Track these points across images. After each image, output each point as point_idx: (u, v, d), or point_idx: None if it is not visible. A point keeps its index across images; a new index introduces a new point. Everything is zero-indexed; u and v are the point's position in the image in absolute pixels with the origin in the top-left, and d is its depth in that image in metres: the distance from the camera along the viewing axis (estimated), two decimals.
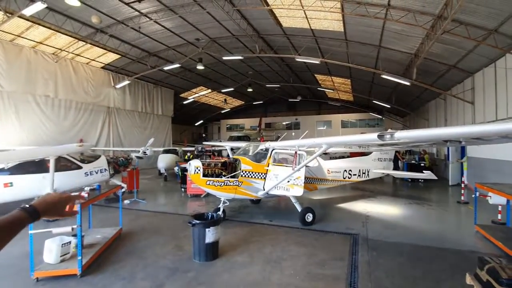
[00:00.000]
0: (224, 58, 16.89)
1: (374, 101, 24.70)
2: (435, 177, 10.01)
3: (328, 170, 9.46)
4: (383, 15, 10.47)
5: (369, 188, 13.46)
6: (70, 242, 4.94)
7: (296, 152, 7.13)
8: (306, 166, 7.98)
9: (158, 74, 21.17)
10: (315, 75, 23.44)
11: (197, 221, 5.30)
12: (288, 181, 7.47)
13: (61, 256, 4.76)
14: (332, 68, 19.78)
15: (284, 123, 37.38)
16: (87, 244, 5.49)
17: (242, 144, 10.50)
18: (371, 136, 4.44)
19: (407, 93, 19.40)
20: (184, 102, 28.95)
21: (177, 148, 19.12)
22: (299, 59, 15.65)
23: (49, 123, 15.64)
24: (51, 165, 7.35)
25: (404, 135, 4.09)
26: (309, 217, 7.59)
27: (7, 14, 11.20)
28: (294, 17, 13.15)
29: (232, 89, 26.56)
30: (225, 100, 33.20)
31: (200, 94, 28.93)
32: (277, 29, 14.74)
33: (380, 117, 32.18)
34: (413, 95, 20.19)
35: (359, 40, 13.82)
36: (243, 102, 36.29)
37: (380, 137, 4.28)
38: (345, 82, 23.79)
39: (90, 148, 13.14)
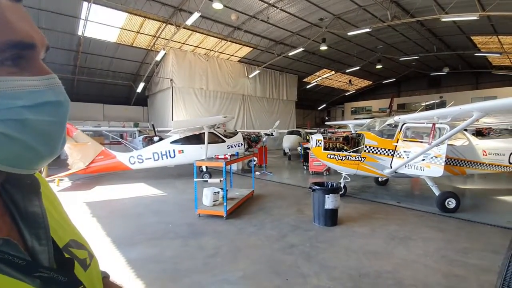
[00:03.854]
0: (349, 33, 15.92)
1: None
2: None
3: (485, 151, 7.53)
4: None
5: None
6: (219, 192, 6.39)
7: (434, 125, 6.12)
8: (450, 144, 6.74)
9: (283, 61, 22.47)
10: (471, 37, 18.36)
11: (317, 187, 5.63)
12: (423, 159, 6.57)
13: (213, 201, 6.27)
14: (499, 24, 14.91)
15: (423, 103, 31.28)
16: (229, 197, 6.88)
17: (366, 121, 9.88)
18: None
19: None
20: (307, 87, 29.47)
21: (300, 130, 20.01)
22: (447, 18, 12.74)
23: (202, 110, 19.91)
24: (206, 138, 9.56)
25: None
26: (451, 203, 6.42)
27: (177, 27, 14.91)
28: None
29: (358, 68, 24.75)
30: (350, 81, 31.32)
31: (323, 77, 28.59)
32: None
33: None
34: None
35: None
36: (371, 82, 33.11)
37: None
38: None
39: (231, 119, 15.86)
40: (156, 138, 13.14)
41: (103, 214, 6.48)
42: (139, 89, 20.42)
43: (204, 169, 10.01)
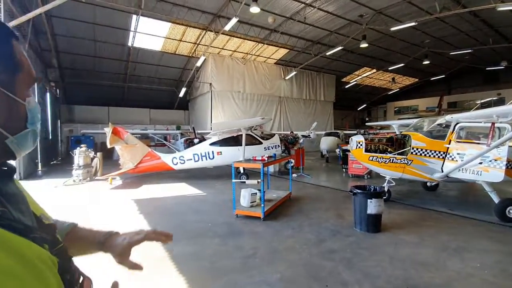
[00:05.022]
0: (392, 29, 15.02)
1: None
2: None
3: None
4: None
5: None
6: (256, 193, 6.46)
7: (493, 124, 5.49)
8: (510, 146, 6.00)
9: (321, 61, 21.98)
10: None
11: (359, 191, 5.39)
12: (481, 163, 5.93)
13: (250, 202, 6.35)
14: None
15: (478, 101, 27.97)
16: (266, 198, 6.92)
17: (413, 121, 9.20)
18: None
19: None
20: (346, 87, 28.44)
21: (338, 131, 19.36)
22: (504, 7, 11.35)
23: (240, 112, 20.35)
24: (243, 140, 9.76)
25: None
26: None
27: (216, 33, 15.47)
28: None
29: (401, 65, 23.22)
30: (393, 79, 29.47)
31: (363, 76, 27.35)
32: None
33: None
34: None
35: None
36: (416, 80, 30.78)
37: None
38: None
39: (269, 121, 16.02)
40: (196, 140, 13.73)
41: (149, 211, 6.95)
42: (181, 94, 21.60)
43: (242, 171, 10.19)
